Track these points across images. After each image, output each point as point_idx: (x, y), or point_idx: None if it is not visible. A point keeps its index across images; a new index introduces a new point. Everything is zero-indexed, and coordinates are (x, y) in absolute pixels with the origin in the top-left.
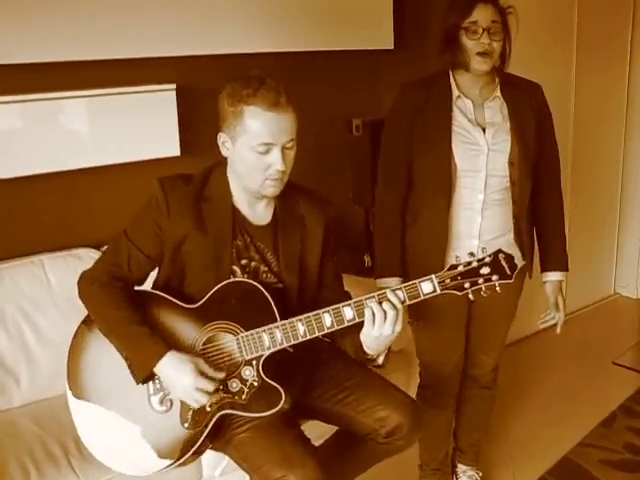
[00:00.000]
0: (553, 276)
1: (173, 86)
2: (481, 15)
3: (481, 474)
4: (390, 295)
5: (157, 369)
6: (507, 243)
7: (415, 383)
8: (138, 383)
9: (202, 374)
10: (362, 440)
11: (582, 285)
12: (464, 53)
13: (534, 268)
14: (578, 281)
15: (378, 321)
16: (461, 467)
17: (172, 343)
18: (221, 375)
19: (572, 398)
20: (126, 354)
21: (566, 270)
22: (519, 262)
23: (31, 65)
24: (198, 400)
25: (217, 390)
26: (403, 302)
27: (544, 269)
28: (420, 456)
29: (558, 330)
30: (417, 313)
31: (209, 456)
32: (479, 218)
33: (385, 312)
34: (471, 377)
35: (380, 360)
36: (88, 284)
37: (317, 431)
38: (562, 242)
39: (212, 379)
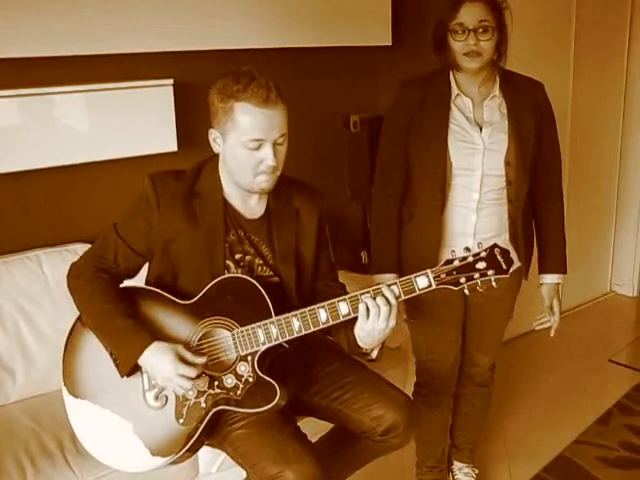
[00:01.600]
0: (549, 278)
1: (171, 81)
2: (468, 16)
3: (477, 471)
4: (385, 290)
5: (140, 361)
6: (502, 243)
7: (411, 380)
8: (122, 376)
9: (182, 360)
10: (358, 438)
11: (578, 283)
12: (453, 53)
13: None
14: (574, 279)
15: (372, 316)
16: (457, 464)
17: (167, 339)
18: (201, 360)
19: (568, 396)
20: (110, 348)
21: (564, 273)
22: (515, 263)
23: (28, 60)
24: (181, 386)
25: (200, 376)
26: (398, 297)
27: (541, 271)
28: (417, 453)
29: (552, 333)
30: (414, 311)
31: (206, 452)
32: (474, 217)
33: (379, 307)
34: (468, 375)
35: (374, 354)
36: (75, 278)
37: (313, 428)
38: (560, 244)
39: (193, 365)
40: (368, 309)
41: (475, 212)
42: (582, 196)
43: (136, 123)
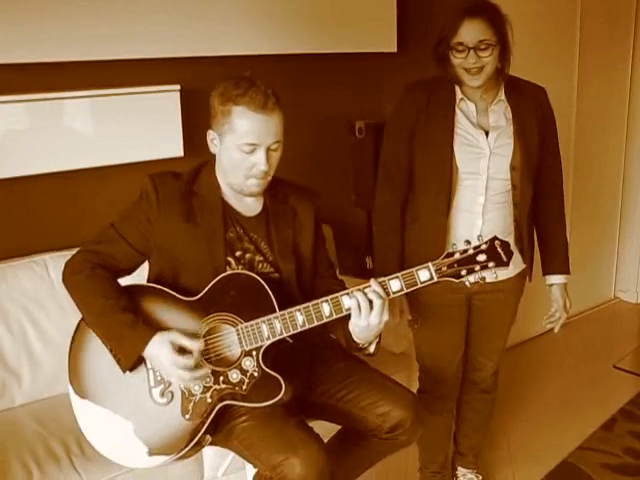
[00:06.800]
0: (558, 279)
1: (177, 87)
2: (467, 34)
3: (481, 477)
4: (374, 285)
5: (145, 354)
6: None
7: (416, 386)
8: (124, 371)
9: (179, 349)
10: (365, 437)
11: (582, 289)
12: (454, 69)
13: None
14: (578, 285)
15: (364, 311)
16: (461, 470)
17: None
18: (197, 344)
19: (572, 402)
20: (112, 343)
21: (569, 273)
22: (519, 266)
23: (35, 65)
24: (182, 377)
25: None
26: (400, 290)
27: (549, 272)
28: (420, 459)
29: (556, 330)
30: (417, 316)
31: (211, 456)
32: (480, 221)
33: (371, 301)
34: (471, 381)
35: (371, 349)
36: (73, 274)
37: (320, 430)
38: (566, 245)
39: (190, 351)
40: (359, 304)
41: (481, 216)
42: (586, 202)
43: (143, 128)
